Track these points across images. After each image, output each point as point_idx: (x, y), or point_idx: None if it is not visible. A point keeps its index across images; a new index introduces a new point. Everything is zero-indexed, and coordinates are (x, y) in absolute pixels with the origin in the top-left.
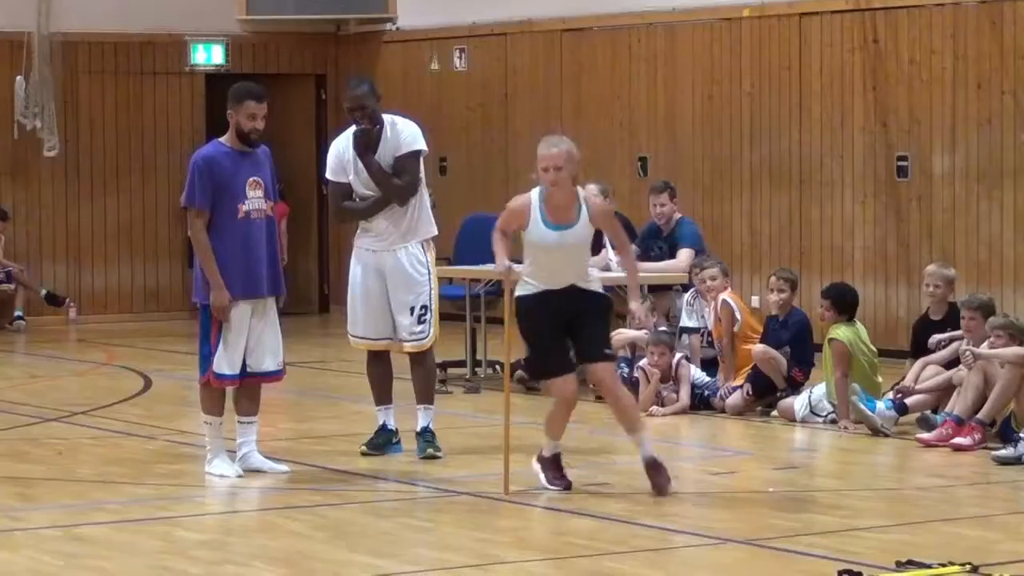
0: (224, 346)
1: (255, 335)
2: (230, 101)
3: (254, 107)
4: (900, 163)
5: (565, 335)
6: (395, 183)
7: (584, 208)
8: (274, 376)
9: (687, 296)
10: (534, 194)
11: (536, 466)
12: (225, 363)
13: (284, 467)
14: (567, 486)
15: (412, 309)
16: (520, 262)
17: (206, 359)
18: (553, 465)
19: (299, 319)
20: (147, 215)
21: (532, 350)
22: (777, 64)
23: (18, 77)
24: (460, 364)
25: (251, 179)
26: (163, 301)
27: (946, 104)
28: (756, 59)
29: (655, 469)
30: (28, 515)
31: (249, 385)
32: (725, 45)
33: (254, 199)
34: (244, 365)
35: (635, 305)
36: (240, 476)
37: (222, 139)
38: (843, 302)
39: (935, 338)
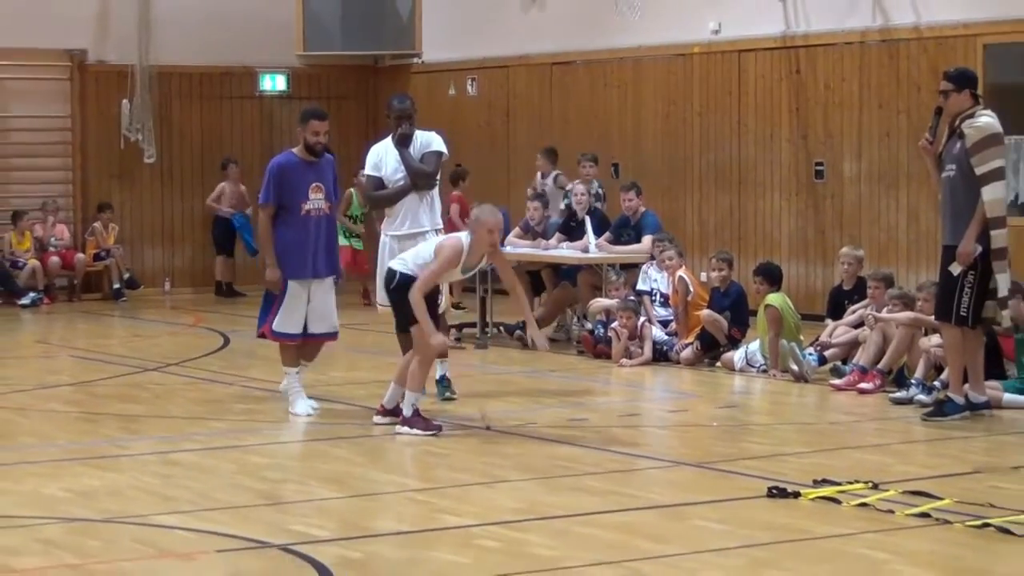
0: (284, 311)
1: (313, 305)
2: (299, 121)
3: (317, 125)
4: (817, 168)
5: None
6: (422, 168)
7: None
8: (330, 337)
9: (644, 266)
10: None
11: (405, 428)
12: (286, 324)
13: (315, 404)
14: (439, 427)
15: None
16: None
17: (262, 319)
18: (421, 416)
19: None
20: None
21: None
22: (721, 90)
23: (124, 100)
24: (471, 326)
25: (314, 184)
26: (238, 276)
27: (854, 121)
28: (704, 86)
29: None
30: (132, 444)
31: (311, 343)
32: (680, 75)
33: (315, 200)
34: (307, 327)
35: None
36: (316, 410)
37: (294, 149)
38: (772, 275)
39: (852, 311)
